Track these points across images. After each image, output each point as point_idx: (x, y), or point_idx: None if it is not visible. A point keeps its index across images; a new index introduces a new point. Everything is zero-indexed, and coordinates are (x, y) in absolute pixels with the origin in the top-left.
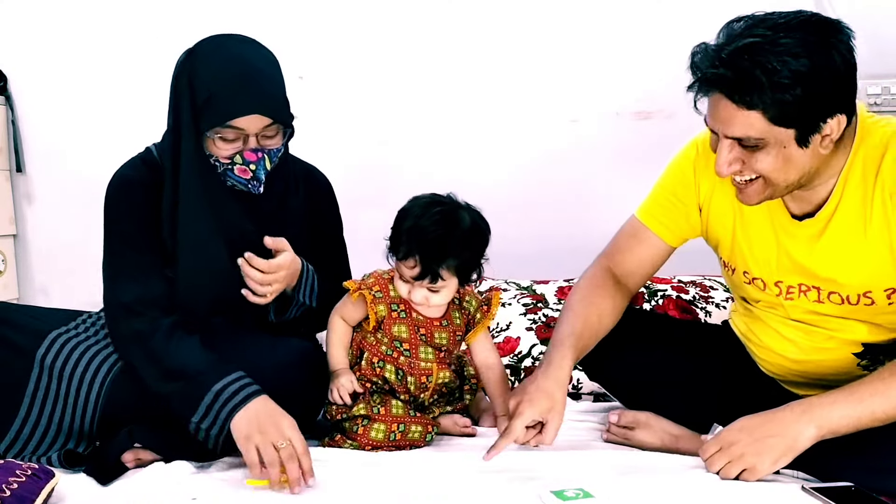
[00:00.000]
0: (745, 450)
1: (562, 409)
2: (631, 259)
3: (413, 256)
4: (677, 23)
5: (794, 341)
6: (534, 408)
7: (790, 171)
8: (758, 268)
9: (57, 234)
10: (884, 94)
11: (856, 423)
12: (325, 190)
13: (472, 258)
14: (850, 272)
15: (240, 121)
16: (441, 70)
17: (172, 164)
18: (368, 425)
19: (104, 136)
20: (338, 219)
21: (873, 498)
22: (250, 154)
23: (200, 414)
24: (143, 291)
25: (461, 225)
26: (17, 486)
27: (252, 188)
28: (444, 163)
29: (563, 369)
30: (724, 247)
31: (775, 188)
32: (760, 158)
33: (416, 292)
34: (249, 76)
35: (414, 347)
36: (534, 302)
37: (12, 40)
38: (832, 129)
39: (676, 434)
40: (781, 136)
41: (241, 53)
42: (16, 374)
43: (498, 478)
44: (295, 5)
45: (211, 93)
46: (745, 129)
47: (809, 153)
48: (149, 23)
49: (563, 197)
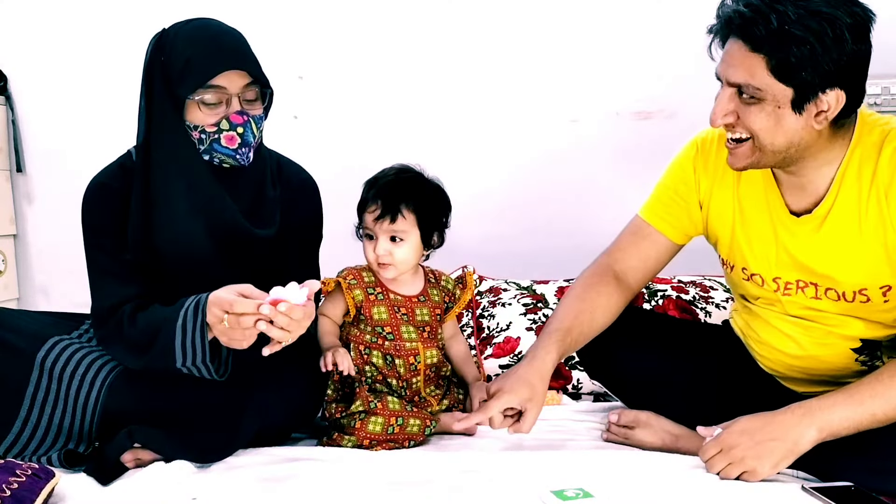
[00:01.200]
0: (746, 453)
1: (541, 401)
2: (632, 255)
3: (375, 201)
4: (677, 23)
5: (792, 337)
6: (513, 395)
7: (779, 135)
8: (756, 264)
9: (57, 234)
10: (884, 94)
11: (856, 425)
12: (306, 188)
13: (431, 208)
14: (846, 269)
15: (220, 78)
16: (441, 70)
17: (145, 145)
18: (366, 419)
19: (104, 136)
20: (317, 221)
21: (873, 498)
22: (236, 116)
23: (180, 358)
24: (118, 294)
25: (418, 174)
26: (17, 486)
27: (240, 157)
28: (443, 163)
29: (546, 362)
30: (724, 244)
31: (763, 153)
32: (754, 113)
33: (380, 244)
34: (224, 38)
35: (396, 329)
36: (534, 302)
37: (12, 40)
38: (829, 105)
39: (676, 433)
40: (779, 93)
41: (210, 24)
42: (16, 376)
43: (498, 478)
44: (295, 5)
45: (188, 56)
46: (748, 75)
47: (802, 123)
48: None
49: (563, 197)
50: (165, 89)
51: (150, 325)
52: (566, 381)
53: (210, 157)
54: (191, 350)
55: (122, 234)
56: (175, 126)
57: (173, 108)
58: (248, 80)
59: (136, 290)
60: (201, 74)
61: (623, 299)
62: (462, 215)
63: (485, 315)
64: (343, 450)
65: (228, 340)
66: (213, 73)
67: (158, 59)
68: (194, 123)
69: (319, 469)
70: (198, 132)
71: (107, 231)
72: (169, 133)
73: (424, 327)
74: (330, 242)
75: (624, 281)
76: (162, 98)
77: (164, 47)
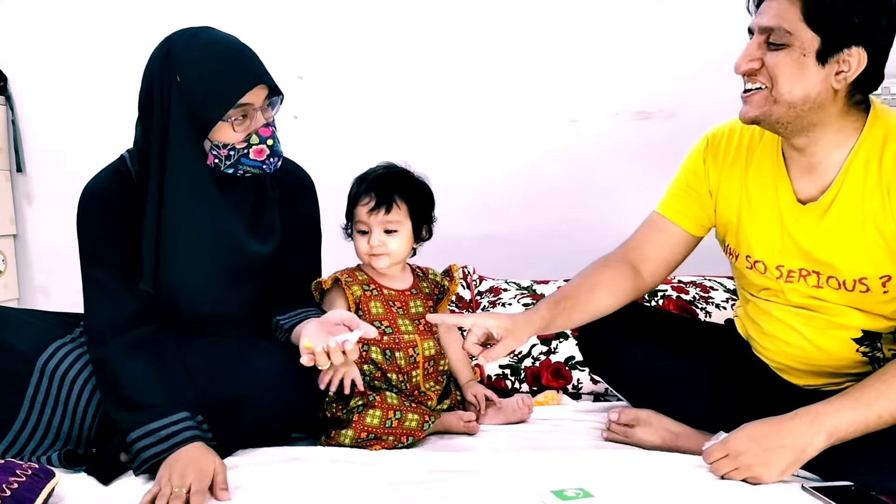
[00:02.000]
0: (753, 460)
1: (518, 338)
2: (647, 246)
3: (368, 194)
4: (677, 23)
5: (795, 328)
6: (493, 319)
7: (798, 84)
8: (760, 251)
9: (57, 234)
10: (884, 94)
11: (863, 429)
12: (302, 186)
13: (421, 200)
14: (847, 257)
15: (248, 96)
16: (441, 70)
17: (159, 169)
18: (364, 412)
19: (104, 136)
20: (314, 218)
21: (873, 497)
22: (264, 130)
23: (140, 435)
24: (111, 313)
25: (405, 169)
26: (17, 486)
27: (267, 167)
28: (444, 163)
29: (533, 315)
30: (731, 231)
31: (778, 103)
32: (780, 58)
33: (375, 235)
34: (239, 52)
35: (393, 322)
36: (534, 302)
37: (12, 40)
38: (850, 65)
39: (677, 432)
40: (807, 40)
41: (216, 37)
42: (15, 377)
43: (498, 478)
44: (295, 5)
45: (211, 78)
46: (780, 17)
47: (822, 77)
48: (149, 23)
49: (563, 197)
50: (186, 114)
51: (133, 396)
52: (566, 382)
53: (235, 170)
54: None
55: (119, 242)
56: (195, 155)
57: (195, 132)
58: (267, 90)
59: (132, 307)
60: (230, 95)
61: (632, 286)
62: (462, 215)
63: None
64: (343, 450)
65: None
66: (241, 93)
67: (171, 78)
68: (224, 142)
69: (319, 469)
70: (226, 150)
71: (104, 240)
72: (188, 163)
73: (419, 319)
74: (330, 242)
75: (637, 270)
76: (181, 123)
77: (177, 67)
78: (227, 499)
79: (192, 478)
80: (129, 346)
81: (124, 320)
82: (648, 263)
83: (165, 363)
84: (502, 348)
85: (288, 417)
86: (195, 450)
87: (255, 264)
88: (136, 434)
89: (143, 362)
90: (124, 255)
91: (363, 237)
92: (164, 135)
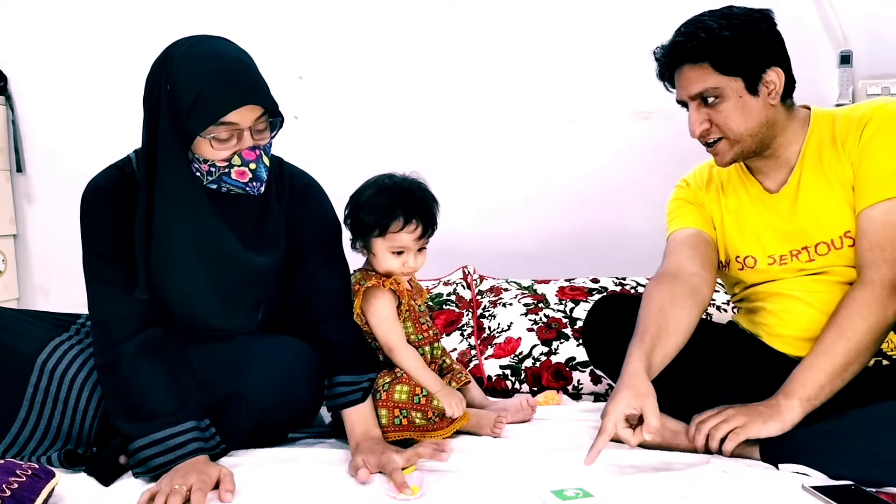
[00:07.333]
0: (738, 412)
1: (650, 393)
2: (679, 260)
3: (410, 220)
4: (677, 23)
5: (800, 296)
6: (619, 403)
7: (750, 119)
8: (747, 247)
9: (57, 234)
10: (884, 94)
11: (829, 381)
12: (308, 193)
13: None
14: (826, 220)
15: (233, 115)
16: (441, 70)
17: (148, 176)
18: (390, 388)
19: (104, 136)
20: (327, 220)
21: (873, 497)
22: (248, 153)
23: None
24: (122, 310)
25: (423, 184)
26: (17, 486)
27: (251, 190)
28: (444, 163)
29: (633, 363)
30: (718, 242)
31: (742, 142)
32: (723, 110)
33: (414, 256)
34: (234, 68)
35: (416, 320)
36: (535, 302)
37: (12, 40)
38: (774, 83)
39: (676, 430)
40: (733, 85)
41: (217, 48)
42: (15, 377)
43: (498, 478)
44: (295, 5)
45: (198, 91)
46: (702, 82)
47: (762, 102)
48: (149, 23)
49: (563, 197)
50: (172, 122)
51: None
52: (566, 382)
53: (218, 186)
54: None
55: (122, 240)
56: (181, 164)
57: (180, 142)
58: (260, 112)
59: (142, 303)
60: (213, 112)
61: (692, 298)
62: (463, 215)
63: (485, 315)
64: (343, 450)
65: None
66: (225, 111)
67: (163, 85)
68: (204, 157)
69: (320, 469)
70: (207, 165)
71: (107, 237)
72: (175, 172)
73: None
74: None
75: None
76: (168, 131)
77: (170, 73)
78: (231, 500)
79: (195, 479)
80: (141, 350)
81: (136, 317)
82: (691, 276)
83: (174, 366)
84: (650, 412)
85: (288, 413)
86: (200, 460)
87: (254, 275)
88: (141, 442)
89: (154, 368)
90: (130, 252)
91: (398, 256)
92: (153, 141)
